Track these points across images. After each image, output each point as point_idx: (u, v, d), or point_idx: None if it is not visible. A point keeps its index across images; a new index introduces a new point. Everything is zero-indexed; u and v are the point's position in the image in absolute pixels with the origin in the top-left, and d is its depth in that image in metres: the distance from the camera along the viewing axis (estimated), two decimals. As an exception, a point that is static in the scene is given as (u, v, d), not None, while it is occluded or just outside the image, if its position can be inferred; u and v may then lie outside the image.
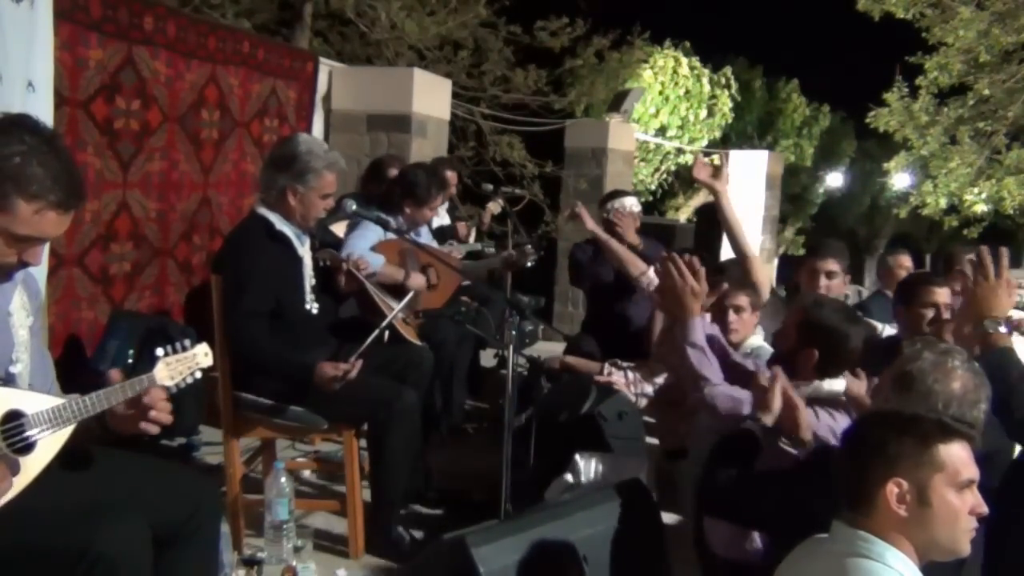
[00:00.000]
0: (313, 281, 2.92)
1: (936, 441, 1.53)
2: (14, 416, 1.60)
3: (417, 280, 3.64)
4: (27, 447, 1.61)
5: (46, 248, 2.96)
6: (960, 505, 1.54)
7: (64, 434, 1.67)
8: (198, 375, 1.82)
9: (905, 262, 4.45)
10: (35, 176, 1.57)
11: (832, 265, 3.33)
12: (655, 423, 3.82)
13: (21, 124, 1.61)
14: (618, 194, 4.33)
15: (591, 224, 3.85)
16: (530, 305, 5.33)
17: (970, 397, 1.87)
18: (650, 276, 3.64)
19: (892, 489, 1.52)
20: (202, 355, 1.83)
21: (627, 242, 4.02)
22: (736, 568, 2.37)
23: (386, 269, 3.48)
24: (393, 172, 4.07)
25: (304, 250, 2.87)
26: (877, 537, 1.54)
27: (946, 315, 2.92)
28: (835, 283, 3.33)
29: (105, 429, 1.76)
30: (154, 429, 1.74)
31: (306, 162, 2.72)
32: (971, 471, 1.55)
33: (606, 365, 3.73)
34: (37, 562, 1.61)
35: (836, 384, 2.37)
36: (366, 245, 3.48)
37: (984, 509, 1.57)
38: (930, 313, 2.94)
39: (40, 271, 2.82)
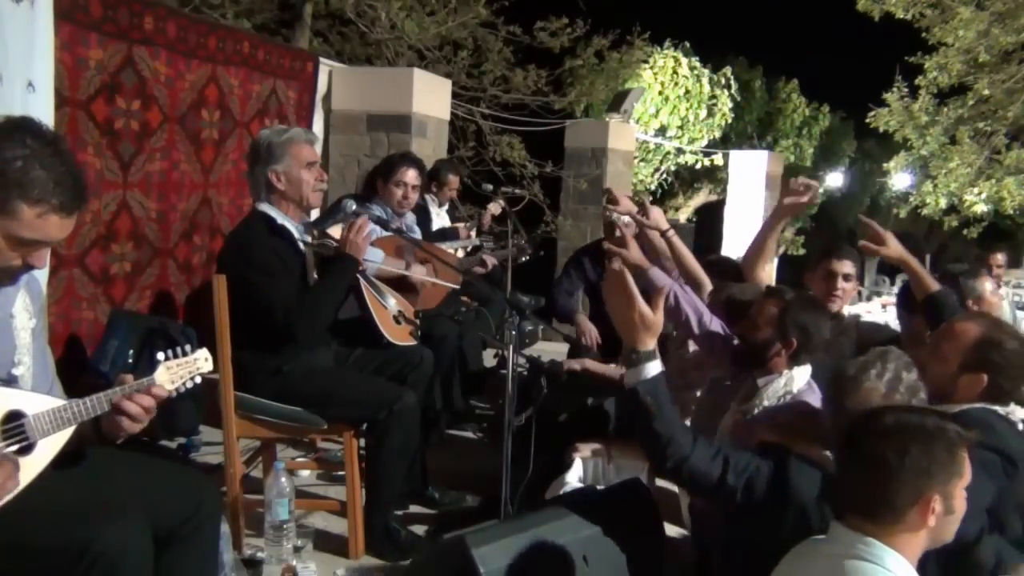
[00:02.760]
0: (316, 277, 2.92)
1: (959, 449, 1.53)
2: (15, 416, 1.60)
3: (419, 271, 3.64)
4: (27, 447, 1.61)
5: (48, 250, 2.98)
6: (964, 504, 1.57)
7: (64, 435, 1.67)
8: (198, 380, 1.83)
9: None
10: (38, 180, 1.57)
11: (849, 268, 3.28)
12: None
13: (24, 128, 1.60)
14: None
15: (629, 206, 3.58)
16: (530, 305, 5.34)
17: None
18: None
19: (932, 506, 1.51)
20: (203, 360, 1.84)
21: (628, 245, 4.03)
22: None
23: (386, 263, 3.48)
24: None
25: (306, 239, 2.88)
26: (879, 541, 1.53)
27: None
28: (849, 286, 3.27)
29: (100, 433, 1.76)
30: (135, 427, 1.72)
31: (269, 144, 2.77)
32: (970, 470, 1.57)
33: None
34: (37, 560, 1.61)
35: (804, 371, 2.50)
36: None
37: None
38: None
39: (41, 272, 2.83)
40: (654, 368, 1.98)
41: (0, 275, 1.66)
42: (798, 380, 2.47)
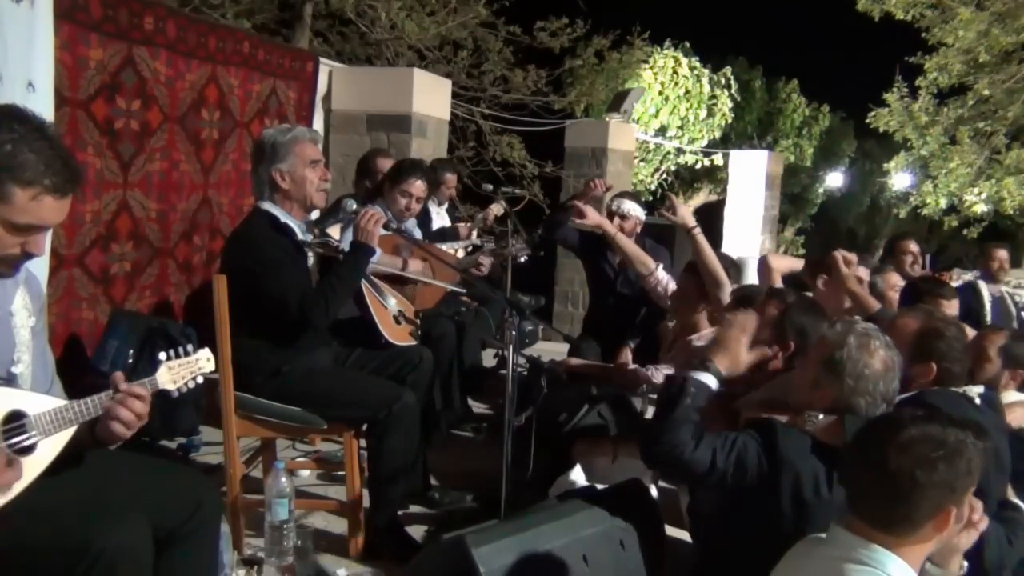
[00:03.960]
0: (317, 274, 2.93)
1: (977, 460, 1.52)
2: (16, 417, 1.60)
3: (415, 265, 3.64)
4: (27, 448, 1.61)
5: (48, 239, 2.98)
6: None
7: (65, 436, 1.67)
8: (200, 380, 1.83)
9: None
10: (28, 162, 1.56)
11: (862, 273, 3.32)
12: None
13: (9, 114, 1.60)
14: (623, 195, 4.36)
15: (596, 219, 3.72)
16: (530, 305, 5.34)
17: (890, 374, 2.02)
18: (658, 276, 3.62)
19: (951, 518, 1.51)
20: (204, 360, 1.84)
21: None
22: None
23: (383, 259, 3.48)
24: (385, 164, 4.10)
25: (308, 239, 2.88)
26: (883, 547, 1.51)
27: None
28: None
29: (93, 436, 1.75)
30: (123, 431, 1.71)
31: (273, 143, 2.76)
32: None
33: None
34: (38, 560, 1.61)
35: None
36: None
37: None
38: None
39: (41, 271, 2.83)
40: (712, 382, 2.07)
41: None
42: None
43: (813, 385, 2.07)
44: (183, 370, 1.79)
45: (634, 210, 4.11)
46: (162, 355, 1.78)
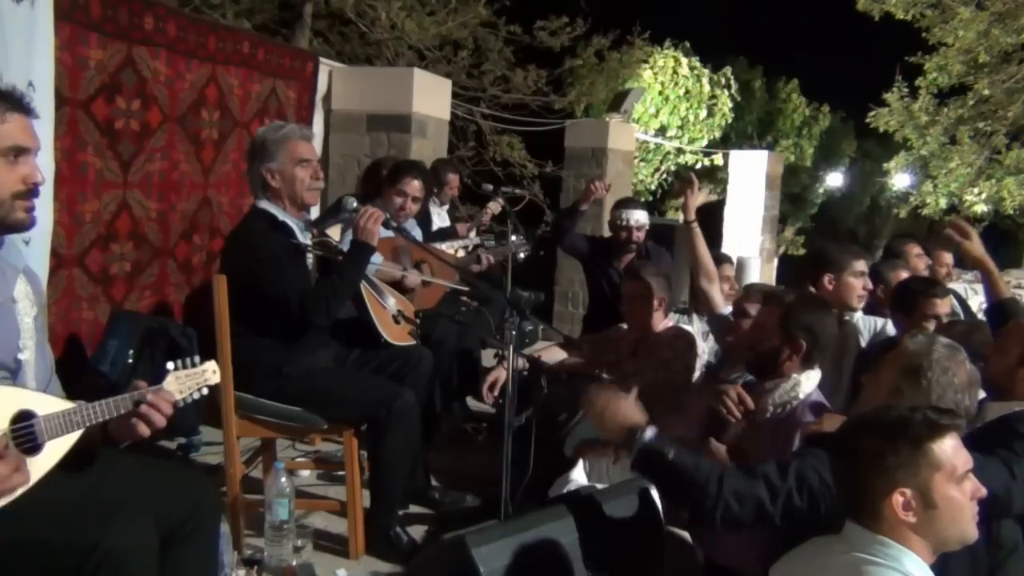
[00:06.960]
0: (316, 275, 2.92)
1: (928, 441, 1.52)
2: (25, 416, 1.61)
3: (413, 279, 3.64)
4: (35, 448, 1.61)
5: (48, 238, 2.98)
6: (962, 497, 1.54)
7: (71, 438, 1.67)
8: (205, 392, 1.83)
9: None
10: None
11: (864, 267, 3.34)
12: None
13: None
14: (629, 204, 4.39)
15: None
16: (530, 301, 5.35)
17: (974, 388, 1.98)
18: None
19: (897, 500, 1.51)
20: (211, 372, 1.85)
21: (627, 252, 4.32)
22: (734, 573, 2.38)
23: (384, 266, 3.48)
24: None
25: (307, 243, 2.88)
26: (891, 539, 1.52)
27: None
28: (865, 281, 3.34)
29: (106, 435, 1.76)
30: (144, 430, 1.72)
31: (263, 141, 2.78)
32: (966, 461, 1.55)
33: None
34: (44, 558, 1.61)
35: (813, 377, 2.46)
36: None
37: (984, 491, 1.57)
38: (931, 325, 2.97)
39: (41, 271, 2.83)
40: (650, 431, 1.93)
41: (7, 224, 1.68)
42: (805, 386, 2.44)
43: (892, 394, 1.97)
44: (190, 381, 1.80)
45: (644, 218, 4.25)
46: (170, 365, 1.78)
